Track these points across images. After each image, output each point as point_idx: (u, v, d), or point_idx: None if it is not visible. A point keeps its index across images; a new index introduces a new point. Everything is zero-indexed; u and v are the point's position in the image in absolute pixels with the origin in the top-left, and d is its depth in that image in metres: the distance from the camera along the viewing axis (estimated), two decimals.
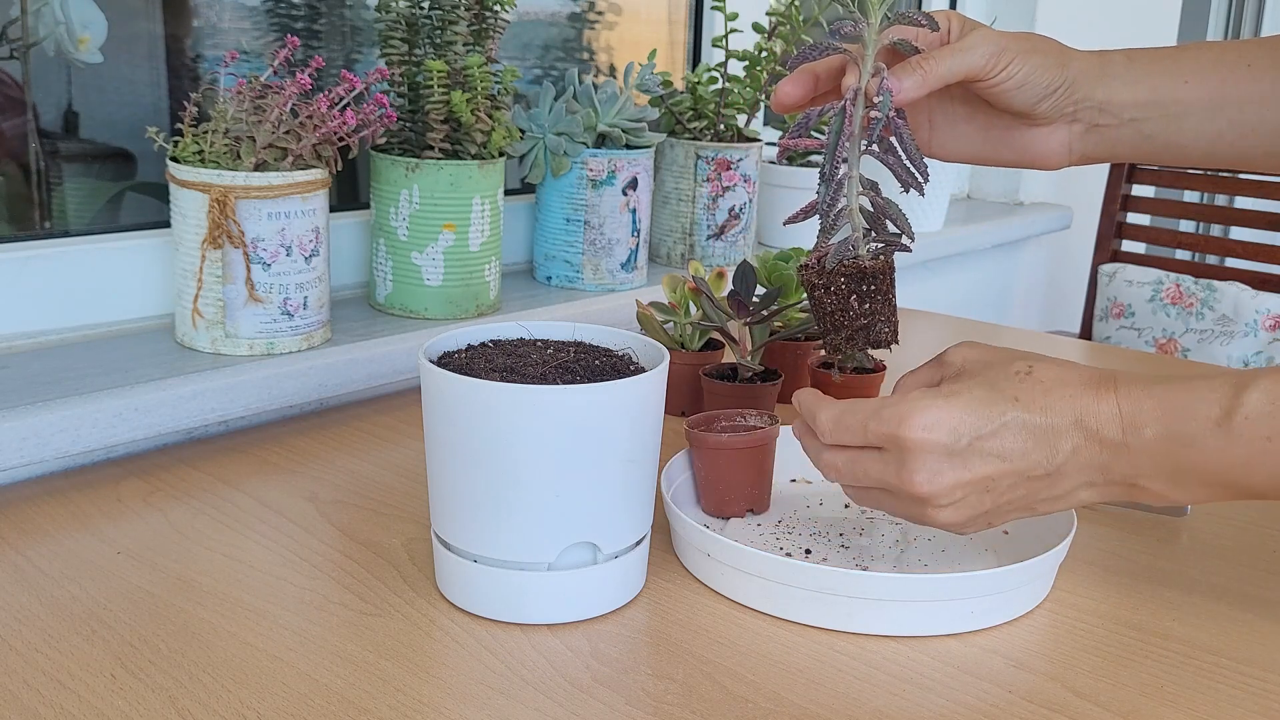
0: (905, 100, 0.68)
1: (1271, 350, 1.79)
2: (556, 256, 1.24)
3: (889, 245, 0.70)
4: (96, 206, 1.09)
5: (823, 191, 0.70)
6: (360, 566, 0.72)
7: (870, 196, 0.70)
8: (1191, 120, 0.73)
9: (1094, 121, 0.74)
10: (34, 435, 0.79)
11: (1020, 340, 1.39)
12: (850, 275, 0.69)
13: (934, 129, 0.78)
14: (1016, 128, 0.75)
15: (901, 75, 0.68)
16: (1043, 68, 0.71)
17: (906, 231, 0.70)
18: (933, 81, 0.69)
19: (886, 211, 0.70)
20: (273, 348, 0.94)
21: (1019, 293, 2.24)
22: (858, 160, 0.69)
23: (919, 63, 0.68)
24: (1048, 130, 0.75)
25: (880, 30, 0.68)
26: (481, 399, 0.62)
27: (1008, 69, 0.70)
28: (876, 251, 0.70)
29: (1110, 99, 0.73)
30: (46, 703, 0.57)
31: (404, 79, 1.07)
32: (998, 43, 0.70)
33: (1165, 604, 0.71)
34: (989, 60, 0.70)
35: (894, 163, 0.70)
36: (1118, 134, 0.74)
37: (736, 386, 0.93)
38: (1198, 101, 0.73)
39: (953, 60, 0.69)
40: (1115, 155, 0.76)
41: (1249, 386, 0.59)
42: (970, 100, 0.76)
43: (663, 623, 0.67)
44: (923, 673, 0.62)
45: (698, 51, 1.61)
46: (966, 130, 0.77)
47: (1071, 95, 0.72)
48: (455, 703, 0.58)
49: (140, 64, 1.08)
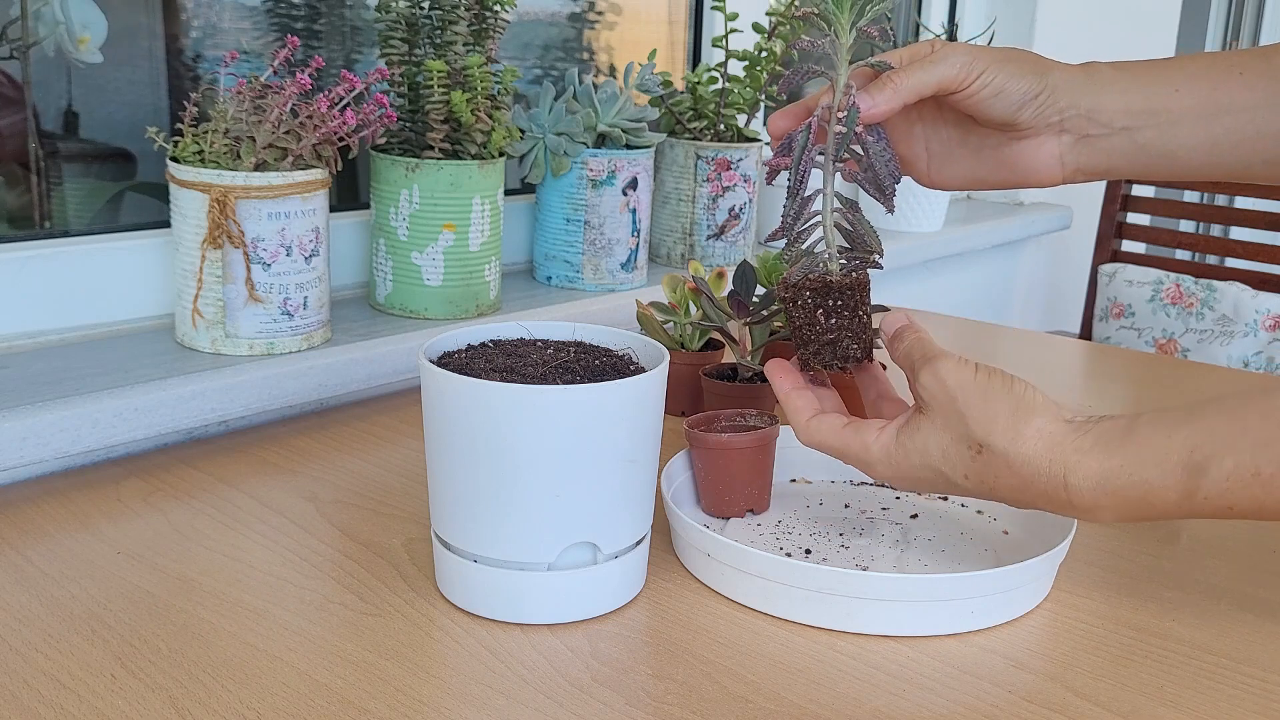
0: (880, 114, 0.69)
1: (1271, 350, 1.79)
2: (556, 256, 1.24)
3: (860, 262, 0.71)
4: (96, 206, 1.09)
5: (787, 205, 0.70)
6: (360, 566, 0.72)
7: (842, 212, 0.70)
8: (1185, 128, 0.73)
9: (1083, 131, 0.73)
10: (34, 435, 0.79)
11: (1020, 340, 1.39)
12: (816, 290, 0.69)
13: (931, 158, 0.78)
14: (1005, 144, 0.75)
15: (874, 91, 0.69)
16: (1017, 75, 0.71)
17: (877, 249, 0.71)
18: (905, 94, 0.69)
19: (857, 228, 0.70)
20: (273, 348, 0.94)
21: (1019, 293, 2.24)
22: (831, 177, 0.70)
23: (890, 77, 0.69)
24: (1035, 143, 0.74)
25: (849, 54, 0.69)
26: (481, 399, 0.62)
27: (981, 77, 0.70)
28: (848, 268, 0.70)
29: (1098, 107, 0.73)
30: (46, 703, 0.57)
31: (404, 79, 1.07)
32: (970, 53, 0.71)
33: (1165, 604, 0.71)
34: (961, 70, 0.70)
35: (862, 179, 0.70)
36: (1110, 144, 0.74)
37: (736, 386, 0.93)
38: (1190, 109, 0.72)
39: (924, 73, 0.70)
40: (1112, 168, 0.75)
41: (1204, 472, 0.59)
42: (961, 123, 0.76)
43: (663, 623, 0.67)
44: (923, 673, 0.62)
45: (698, 51, 1.61)
46: (960, 154, 0.77)
47: (1054, 103, 0.72)
48: (455, 703, 0.58)
49: (140, 64, 1.08)
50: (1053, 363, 1.30)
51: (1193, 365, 1.31)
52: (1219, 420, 0.59)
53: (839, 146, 0.69)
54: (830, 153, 0.69)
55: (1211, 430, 0.59)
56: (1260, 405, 0.58)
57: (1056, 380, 1.21)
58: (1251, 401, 0.59)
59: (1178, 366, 1.32)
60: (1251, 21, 3.07)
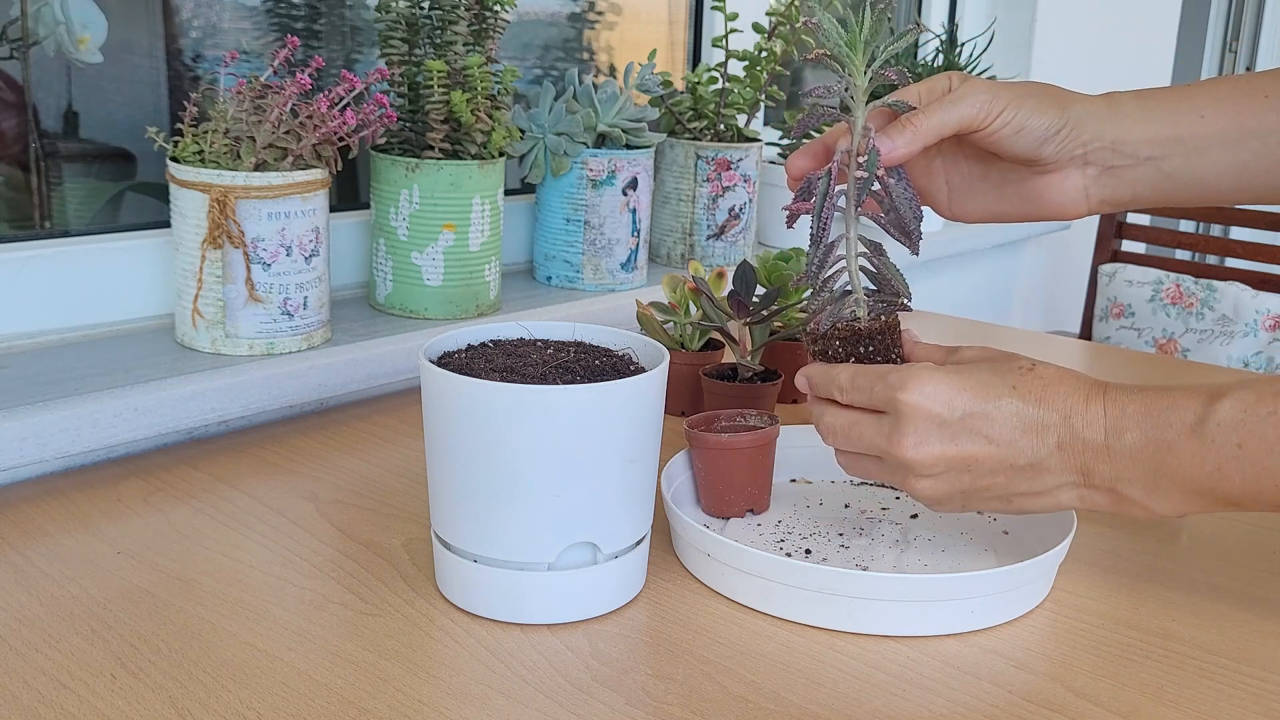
0: (900, 157, 0.68)
1: (1271, 350, 1.79)
2: (556, 256, 1.24)
3: (888, 306, 0.70)
4: (96, 206, 1.09)
5: (811, 252, 0.70)
6: (360, 566, 0.72)
7: (867, 256, 0.70)
8: (1213, 154, 0.72)
9: (1108, 163, 0.72)
10: (34, 435, 0.79)
11: (1020, 340, 1.39)
12: (846, 338, 0.69)
13: (952, 192, 0.77)
14: (1028, 178, 0.74)
15: (894, 134, 0.68)
16: (1038, 110, 0.70)
17: (905, 293, 0.70)
18: (925, 135, 0.68)
19: (883, 272, 0.70)
20: (273, 348, 0.94)
21: (1019, 293, 2.24)
22: (855, 221, 0.69)
23: (909, 119, 0.68)
24: (1059, 176, 0.73)
25: (866, 95, 0.68)
26: (481, 399, 0.62)
27: (1001, 115, 0.70)
28: (877, 312, 0.70)
29: (1123, 138, 0.72)
30: (46, 703, 0.57)
31: (404, 79, 1.07)
32: (990, 91, 0.70)
33: (1165, 604, 0.71)
34: (981, 109, 0.69)
35: (885, 221, 0.70)
36: (1136, 174, 0.73)
37: (736, 386, 0.93)
38: (1217, 135, 0.72)
39: (944, 113, 0.69)
40: (1138, 198, 0.74)
41: (1223, 395, 0.61)
42: (983, 158, 0.75)
43: (663, 623, 0.67)
44: (923, 673, 0.62)
45: (698, 51, 1.61)
46: (983, 189, 0.76)
47: (1078, 136, 0.71)
48: (455, 703, 0.58)
49: (140, 64, 1.08)
50: (1053, 363, 1.29)
51: (1193, 365, 1.31)
52: (1237, 382, 0.62)
53: (860, 191, 0.68)
54: (851, 198, 0.69)
55: (1231, 383, 0.62)
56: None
57: None
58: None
59: (1178, 366, 1.32)
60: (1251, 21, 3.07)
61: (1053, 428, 0.63)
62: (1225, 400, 0.60)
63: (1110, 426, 0.62)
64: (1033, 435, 0.63)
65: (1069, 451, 0.63)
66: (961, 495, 0.66)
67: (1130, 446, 0.62)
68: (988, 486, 0.65)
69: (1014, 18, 2.09)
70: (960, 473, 0.65)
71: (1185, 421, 0.61)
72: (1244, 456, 0.59)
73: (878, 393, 0.66)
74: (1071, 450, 0.63)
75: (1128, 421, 0.62)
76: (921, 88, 0.72)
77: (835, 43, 0.67)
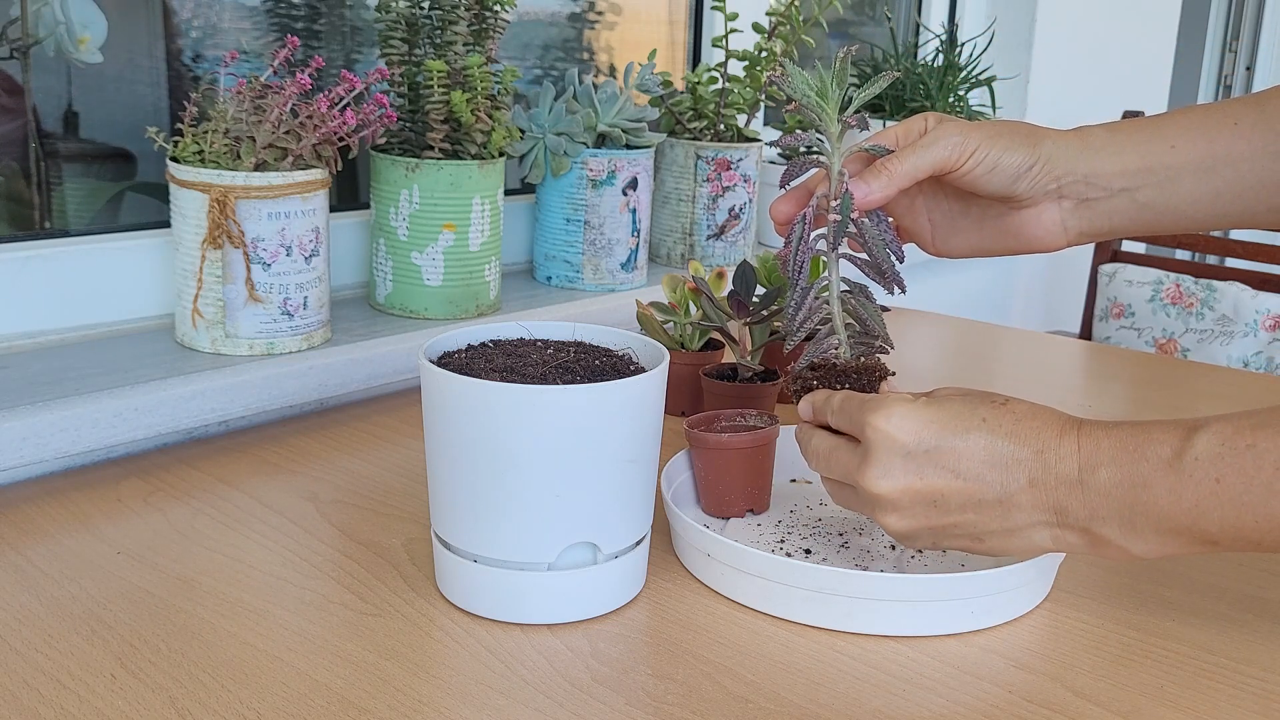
0: (875, 201, 0.70)
1: (1271, 350, 1.79)
2: (556, 256, 1.24)
3: (868, 349, 0.72)
4: (96, 206, 1.09)
5: (789, 296, 0.72)
6: (360, 566, 0.72)
7: (845, 298, 0.72)
8: (1186, 183, 0.73)
9: (1083, 196, 0.74)
10: (34, 435, 0.79)
11: (1020, 340, 1.39)
12: (823, 375, 0.71)
13: (935, 230, 0.79)
14: (1007, 214, 0.76)
15: (869, 178, 0.70)
16: (1009, 149, 0.72)
17: (884, 338, 0.72)
18: (899, 180, 0.70)
19: (859, 315, 0.72)
20: (273, 348, 0.94)
21: (1019, 293, 2.24)
22: (836, 264, 0.72)
23: (884, 164, 0.71)
24: (1036, 211, 0.75)
25: (839, 141, 0.70)
26: (481, 399, 0.62)
27: (974, 155, 0.71)
28: (857, 354, 0.72)
29: (1095, 171, 0.73)
30: (46, 703, 0.57)
31: (404, 79, 1.07)
32: (962, 132, 0.72)
33: (1165, 604, 0.71)
34: (953, 151, 0.71)
35: (862, 264, 0.72)
36: (1110, 206, 0.74)
37: (736, 386, 0.93)
38: (1188, 164, 0.73)
39: (917, 157, 0.71)
40: (1115, 228, 0.75)
41: (1200, 429, 0.59)
42: (963, 196, 0.77)
43: (663, 623, 0.67)
44: (923, 673, 0.62)
45: (698, 51, 1.61)
46: (964, 225, 0.78)
47: (1050, 171, 0.73)
48: (455, 703, 0.58)
49: (140, 64, 1.08)
50: (1053, 363, 1.30)
51: (1193, 365, 1.31)
52: (1214, 416, 0.60)
53: (837, 235, 0.71)
54: (830, 240, 0.71)
55: (1208, 417, 0.60)
56: (1254, 413, 0.59)
57: (1056, 380, 1.21)
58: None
59: (1178, 366, 1.32)
60: (1251, 22, 3.07)
61: (1024, 463, 0.61)
62: (1202, 434, 0.58)
63: (1084, 462, 0.60)
64: (1001, 470, 0.62)
65: (1041, 488, 0.61)
66: (930, 531, 0.64)
67: (1104, 483, 0.60)
68: (956, 524, 0.63)
69: (1014, 18, 2.09)
70: (926, 507, 0.63)
71: (1161, 456, 0.59)
72: (1222, 492, 0.57)
73: (855, 417, 0.65)
74: (1044, 487, 0.61)
75: (1102, 457, 0.60)
76: (899, 130, 0.74)
77: (804, 94, 0.69)
